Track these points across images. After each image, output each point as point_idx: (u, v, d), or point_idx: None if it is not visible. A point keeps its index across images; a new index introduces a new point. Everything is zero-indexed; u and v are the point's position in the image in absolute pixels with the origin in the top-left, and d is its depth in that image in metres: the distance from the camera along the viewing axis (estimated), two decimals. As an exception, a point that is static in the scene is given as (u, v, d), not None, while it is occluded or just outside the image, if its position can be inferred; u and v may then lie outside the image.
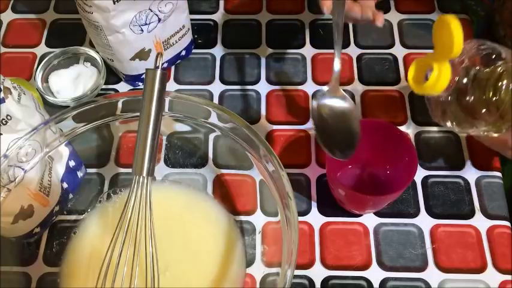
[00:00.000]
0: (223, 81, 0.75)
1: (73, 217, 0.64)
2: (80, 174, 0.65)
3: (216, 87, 0.74)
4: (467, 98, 0.48)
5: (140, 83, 0.74)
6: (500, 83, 0.47)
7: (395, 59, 0.76)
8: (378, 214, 0.64)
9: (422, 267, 0.60)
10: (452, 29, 0.44)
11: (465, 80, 0.48)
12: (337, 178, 0.57)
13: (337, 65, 0.55)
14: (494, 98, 0.48)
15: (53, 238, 0.62)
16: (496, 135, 0.51)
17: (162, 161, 0.67)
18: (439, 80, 0.47)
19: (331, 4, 0.55)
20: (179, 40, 0.73)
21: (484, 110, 0.48)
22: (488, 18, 0.79)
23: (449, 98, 0.50)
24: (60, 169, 0.62)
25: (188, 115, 0.60)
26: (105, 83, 0.74)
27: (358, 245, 0.62)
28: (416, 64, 0.49)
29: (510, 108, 0.47)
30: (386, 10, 0.80)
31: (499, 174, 0.66)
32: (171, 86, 0.75)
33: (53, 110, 0.69)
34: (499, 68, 0.48)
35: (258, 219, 0.63)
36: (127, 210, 0.51)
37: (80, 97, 0.71)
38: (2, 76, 0.53)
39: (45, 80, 0.74)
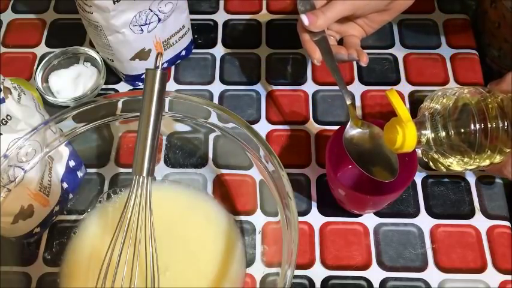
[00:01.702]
0: (223, 81, 0.75)
1: (73, 217, 0.64)
2: (80, 174, 0.65)
3: (216, 87, 0.74)
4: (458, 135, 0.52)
5: (140, 83, 0.74)
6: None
7: (395, 59, 0.76)
8: (378, 214, 0.64)
9: (422, 267, 0.60)
10: (393, 103, 0.51)
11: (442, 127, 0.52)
12: (337, 178, 0.57)
13: (348, 100, 0.57)
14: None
15: (53, 238, 0.62)
16: (498, 160, 0.52)
17: (162, 161, 0.67)
18: (405, 140, 0.51)
19: (319, 55, 0.58)
20: (179, 40, 0.73)
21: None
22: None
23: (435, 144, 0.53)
24: (60, 169, 0.62)
25: (188, 115, 0.60)
26: (105, 83, 0.74)
27: (358, 245, 0.62)
28: (387, 128, 0.53)
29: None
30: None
31: (499, 174, 0.66)
32: (171, 86, 0.75)
33: (53, 110, 0.69)
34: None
35: (258, 219, 0.63)
36: (127, 210, 0.51)
37: (80, 97, 0.71)
38: (2, 76, 0.53)
39: (45, 80, 0.74)
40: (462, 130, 0.50)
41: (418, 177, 0.66)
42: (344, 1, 0.57)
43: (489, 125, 0.50)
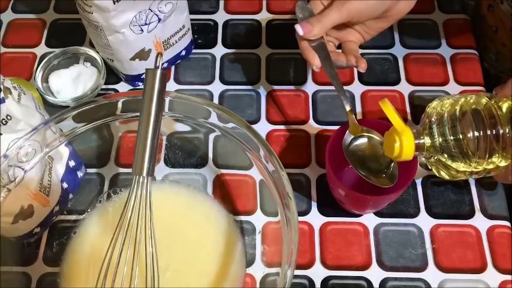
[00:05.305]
0: (223, 81, 0.75)
1: (73, 217, 0.64)
2: (80, 174, 0.65)
3: (216, 87, 0.74)
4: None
5: (140, 83, 0.74)
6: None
7: (395, 59, 0.76)
8: (378, 214, 0.64)
9: (422, 267, 0.60)
10: (387, 114, 0.51)
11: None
12: (337, 178, 0.57)
13: (347, 107, 0.57)
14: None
15: (53, 238, 0.62)
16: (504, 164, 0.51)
17: (162, 161, 0.67)
18: (403, 148, 0.51)
19: (318, 61, 0.59)
20: (179, 40, 0.73)
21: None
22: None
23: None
24: (60, 169, 0.62)
25: (188, 115, 0.60)
26: (105, 83, 0.74)
27: (358, 245, 0.62)
28: (386, 137, 0.53)
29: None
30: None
31: (499, 174, 0.66)
32: (171, 86, 0.75)
33: (53, 110, 0.69)
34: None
35: (258, 219, 0.63)
36: (127, 210, 0.51)
37: (80, 97, 0.71)
38: (2, 76, 0.53)
39: (45, 80, 0.74)
40: (469, 135, 0.49)
41: (418, 177, 0.66)
42: (339, 8, 0.57)
43: (499, 130, 0.49)
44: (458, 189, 0.65)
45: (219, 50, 0.78)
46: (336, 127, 0.60)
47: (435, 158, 0.53)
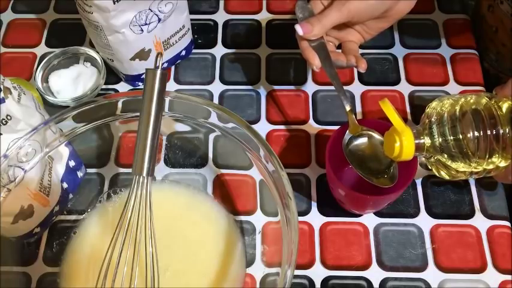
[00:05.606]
0: (223, 81, 0.75)
1: (73, 217, 0.64)
2: (80, 174, 0.65)
3: (216, 87, 0.74)
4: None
5: (140, 83, 0.74)
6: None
7: (395, 59, 0.76)
8: (378, 214, 0.64)
9: (422, 267, 0.60)
10: (387, 113, 0.51)
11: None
12: (337, 178, 0.57)
13: (347, 107, 0.57)
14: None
15: (53, 238, 0.62)
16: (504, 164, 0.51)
17: (162, 161, 0.67)
18: (403, 148, 0.51)
19: (319, 61, 0.59)
20: (179, 40, 0.73)
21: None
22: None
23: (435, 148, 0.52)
24: (60, 169, 0.62)
25: (188, 115, 0.60)
26: (105, 83, 0.74)
27: (358, 245, 0.62)
28: (386, 137, 0.53)
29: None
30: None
31: (499, 174, 0.66)
32: (171, 86, 0.75)
33: (53, 110, 0.69)
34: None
35: (258, 219, 0.63)
36: (127, 210, 0.51)
37: (80, 97, 0.71)
38: (2, 76, 0.53)
39: (45, 80, 0.74)
40: (469, 135, 0.49)
41: (418, 177, 0.66)
42: (339, 8, 0.58)
43: (499, 130, 0.48)
44: (458, 189, 0.65)
45: (219, 50, 0.78)
46: (336, 127, 0.60)
47: (435, 158, 0.53)
